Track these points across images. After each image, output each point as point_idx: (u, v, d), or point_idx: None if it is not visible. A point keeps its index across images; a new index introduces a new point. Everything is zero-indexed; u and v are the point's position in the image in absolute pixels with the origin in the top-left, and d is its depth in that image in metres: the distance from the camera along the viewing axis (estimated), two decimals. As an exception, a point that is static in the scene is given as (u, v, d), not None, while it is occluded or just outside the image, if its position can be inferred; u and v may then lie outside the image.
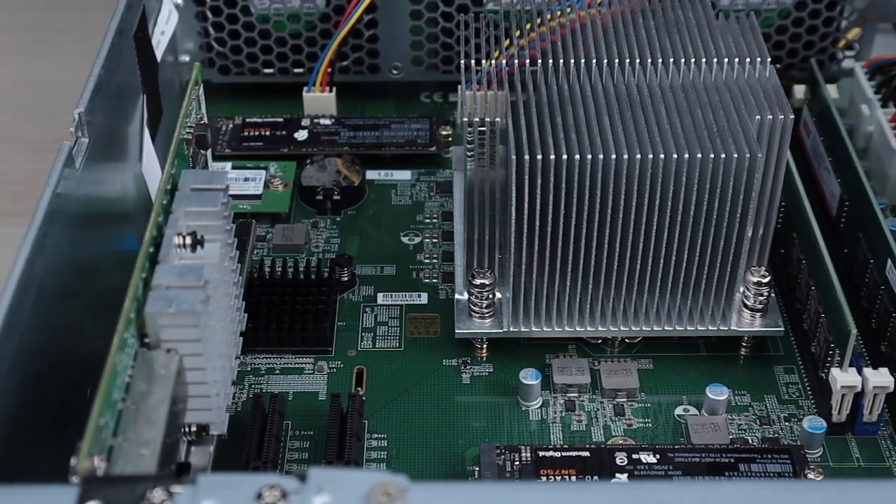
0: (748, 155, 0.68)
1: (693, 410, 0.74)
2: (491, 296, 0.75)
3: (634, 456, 0.69)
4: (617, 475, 0.68)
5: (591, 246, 0.71)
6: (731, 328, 0.75)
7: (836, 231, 0.84)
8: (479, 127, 0.70)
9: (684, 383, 0.75)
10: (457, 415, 0.74)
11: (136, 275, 0.61)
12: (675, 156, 0.68)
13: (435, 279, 0.83)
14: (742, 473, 0.68)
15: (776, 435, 0.72)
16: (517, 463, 0.68)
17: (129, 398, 0.58)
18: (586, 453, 0.69)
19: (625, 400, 0.74)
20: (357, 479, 0.49)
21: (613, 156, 0.68)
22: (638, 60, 0.74)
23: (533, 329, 0.75)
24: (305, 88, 0.95)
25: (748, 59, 0.74)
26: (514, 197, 0.69)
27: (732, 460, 0.68)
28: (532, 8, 0.78)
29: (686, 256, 0.72)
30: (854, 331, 0.69)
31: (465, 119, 0.70)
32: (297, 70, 0.98)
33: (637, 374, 0.75)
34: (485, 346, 0.77)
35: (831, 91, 0.91)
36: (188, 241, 0.62)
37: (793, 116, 0.71)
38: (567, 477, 0.68)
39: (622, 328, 0.75)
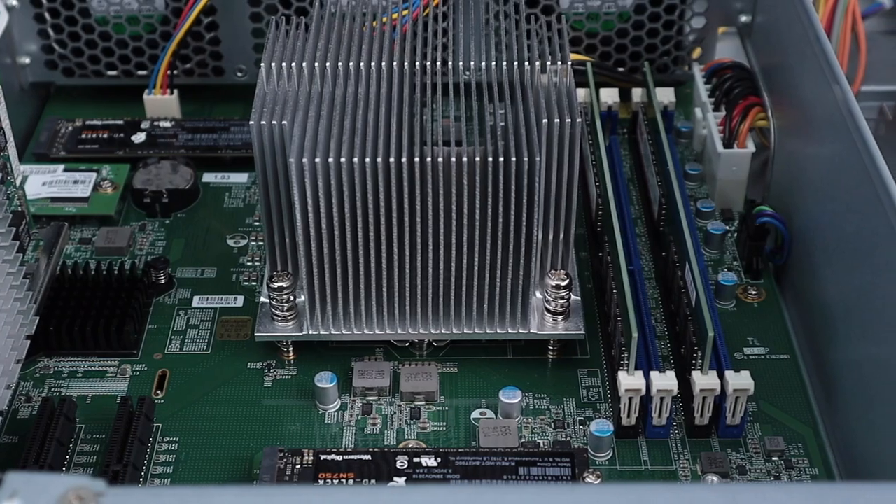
0: (526, 158, 0.68)
1: (490, 414, 0.74)
2: (292, 298, 0.75)
3: (416, 459, 0.68)
4: (395, 479, 0.68)
5: (381, 249, 0.71)
6: (532, 331, 0.75)
7: (657, 234, 0.84)
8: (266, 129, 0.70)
9: (486, 387, 0.75)
10: (254, 418, 0.74)
11: None
12: (453, 159, 0.68)
13: (254, 282, 0.83)
14: (521, 477, 0.68)
15: (568, 438, 0.72)
16: (298, 466, 0.68)
17: None
18: (368, 457, 0.69)
19: (423, 403, 0.74)
20: (53, 482, 0.48)
21: (392, 158, 0.68)
22: (428, 63, 0.74)
23: (332, 332, 0.75)
24: (146, 91, 0.95)
25: (549, 63, 0.74)
26: (297, 200, 0.69)
27: (513, 464, 0.68)
28: (348, 11, 0.78)
29: (477, 260, 0.72)
30: (636, 335, 0.69)
31: (252, 122, 0.70)
32: (140, 73, 0.97)
33: (437, 378, 0.75)
34: (290, 349, 0.77)
35: (663, 95, 0.92)
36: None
37: (580, 120, 0.71)
38: (345, 480, 0.68)
39: (422, 331, 0.75)
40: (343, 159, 0.68)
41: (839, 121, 0.72)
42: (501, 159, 0.68)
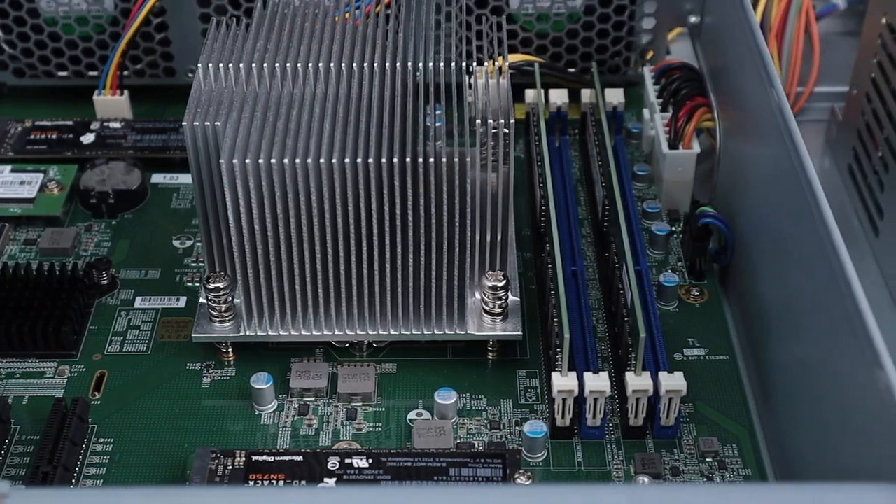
0: (457, 159, 0.68)
1: (426, 415, 0.74)
2: (230, 299, 0.75)
3: (347, 461, 0.68)
4: (326, 480, 0.68)
5: (315, 250, 0.71)
6: (469, 332, 0.75)
7: (602, 235, 0.84)
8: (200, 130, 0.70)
9: (424, 388, 0.75)
10: (190, 419, 0.74)
11: None
12: (384, 160, 0.68)
13: (198, 283, 0.83)
14: (451, 478, 0.68)
15: (503, 439, 0.72)
16: (229, 467, 0.68)
17: None
18: (300, 458, 0.69)
19: (359, 404, 0.74)
20: (-43, 484, 0.49)
21: (322, 160, 0.68)
22: (365, 64, 0.74)
23: (269, 333, 0.75)
24: (96, 92, 0.95)
25: (485, 63, 0.74)
26: (229, 201, 0.69)
27: (444, 465, 0.68)
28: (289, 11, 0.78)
29: (412, 261, 0.72)
30: (567, 336, 0.69)
31: (185, 123, 0.70)
32: (91, 73, 0.97)
33: (374, 379, 0.75)
34: (230, 349, 0.77)
35: (612, 95, 0.92)
36: None
37: (513, 121, 0.71)
38: (275, 481, 0.67)
39: (359, 332, 0.75)
40: (273, 160, 0.68)
41: (774, 123, 0.72)
42: (432, 160, 0.68)
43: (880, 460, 0.54)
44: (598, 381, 0.70)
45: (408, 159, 0.68)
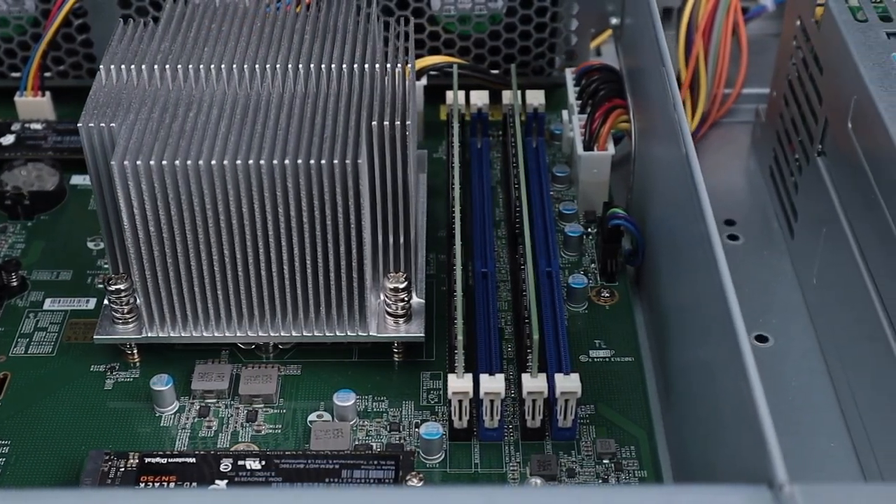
0: (349, 161, 0.68)
1: (327, 416, 0.74)
2: (132, 301, 0.75)
3: (240, 462, 0.68)
4: (217, 482, 0.67)
5: (212, 252, 0.71)
6: (371, 334, 0.75)
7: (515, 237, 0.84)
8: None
9: (327, 389, 0.75)
10: (91, 421, 0.73)
11: None
12: (275, 161, 0.68)
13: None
14: (343, 480, 0.68)
15: (402, 441, 0.72)
16: (122, 469, 0.68)
17: None
18: (192, 459, 0.69)
19: (261, 406, 0.74)
20: None
21: (214, 161, 0.68)
22: (267, 66, 0.73)
23: (171, 335, 0.75)
24: (18, 93, 0.95)
25: (388, 65, 0.74)
26: (122, 203, 0.69)
27: (337, 466, 0.68)
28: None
29: (309, 263, 0.72)
30: (461, 337, 0.69)
31: (80, 124, 0.70)
32: (14, 74, 0.97)
33: (277, 381, 0.75)
34: (135, 351, 0.77)
35: (533, 97, 0.92)
36: None
37: (410, 122, 0.71)
38: (166, 483, 0.67)
39: (261, 333, 0.75)
40: (165, 162, 0.68)
41: (670, 126, 0.72)
42: (324, 162, 0.68)
43: (746, 462, 0.54)
44: (494, 383, 0.70)
45: (300, 161, 0.68)
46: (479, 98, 0.93)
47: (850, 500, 0.45)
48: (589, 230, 0.87)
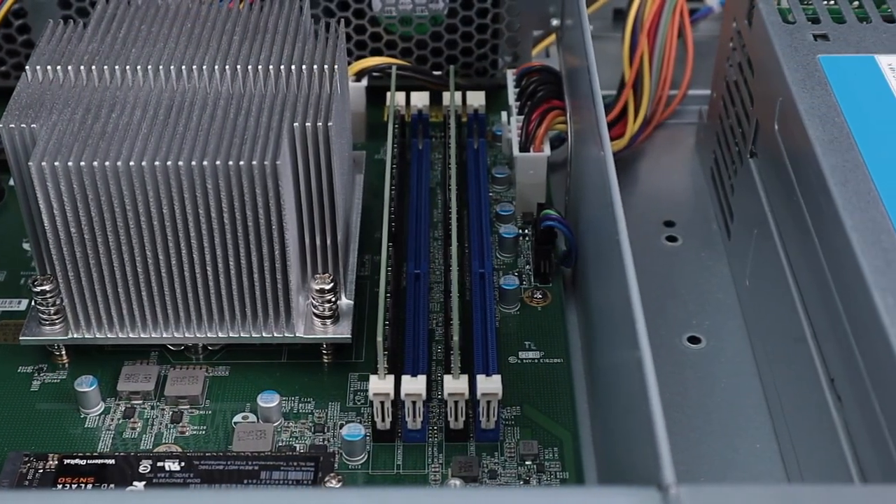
0: (267, 162, 0.68)
1: (252, 418, 0.74)
2: (58, 302, 0.75)
3: (159, 464, 0.68)
4: (135, 483, 0.67)
5: (134, 254, 0.71)
6: (297, 335, 0.75)
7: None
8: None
9: (253, 391, 0.75)
10: (14, 422, 0.73)
11: None
12: (194, 163, 0.68)
13: (41, 285, 0.83)
14: (262, 481, 0.68)
15: (325, 442, 0.72)
16: (40, 471, 0.68)
17: None
18: (112, 461, 0.69)
19: (186, 407, 0.74)
20: None
21: (132, 163, 0.68)
22: (194, 67, 0.73)
23: (97, 336, 0.75)
24: (-41, 94, 0.95)
25: (315, 66, 0.74)
26: (41, 204, 0.69)
27: (256, 468, 0.68)
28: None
29: (232, 264, 0.72)
30: (381, 339, 0.69)
31: (1, 125, 0.70)
32: (-43, 75, 0.97)
33: (203, 382, 0.75)
34: (63, 352, 0.77)
35: (474, 98, 0.92)
36: None
37: (331, 124, 0.71)
38: (84, 485, 0.67)
39: (187, 335, 0.75)
40: (83, 163, 0.67)
41: (592, 128, 0.72)
42: (243, 163, 0.68)
43: (645, 463, 0.54)
44: (414, 384, 0.70)
45: (219, 162, 0.68)
46: (420, 99, 0.93)
47: (730, 502, 0.45)
48: (525, 231, 0.87)
